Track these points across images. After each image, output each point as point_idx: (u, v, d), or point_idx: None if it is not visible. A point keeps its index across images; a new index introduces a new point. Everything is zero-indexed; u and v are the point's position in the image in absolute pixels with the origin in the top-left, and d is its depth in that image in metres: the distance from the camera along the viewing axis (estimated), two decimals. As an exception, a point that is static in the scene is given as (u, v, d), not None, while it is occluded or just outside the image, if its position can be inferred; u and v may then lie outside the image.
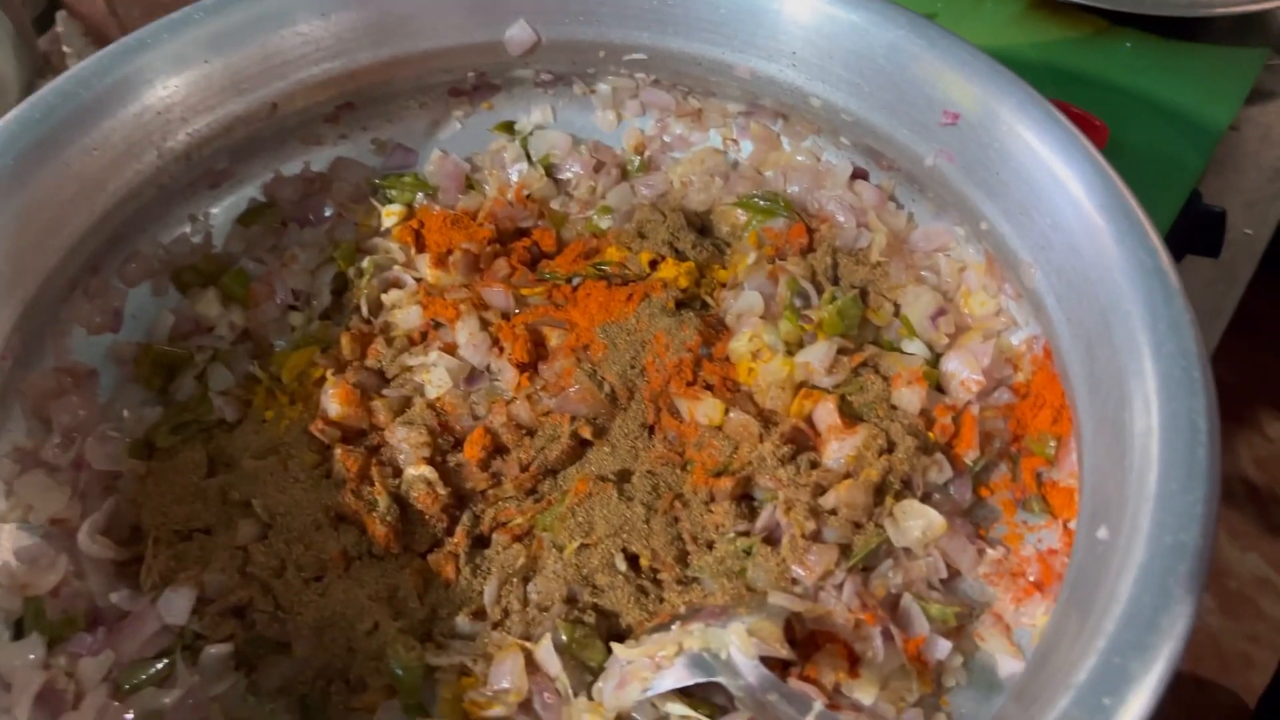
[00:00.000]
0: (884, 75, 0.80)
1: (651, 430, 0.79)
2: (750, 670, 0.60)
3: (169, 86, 0.79)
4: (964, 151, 0.76)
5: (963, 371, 0.78)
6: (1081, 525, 0.60)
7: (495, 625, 0.72)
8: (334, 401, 0.78)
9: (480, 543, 0.76)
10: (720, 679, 0.61)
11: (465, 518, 0.76)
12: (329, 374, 0.80)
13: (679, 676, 0.63)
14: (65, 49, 1.09)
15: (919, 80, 0.78)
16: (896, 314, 0.83)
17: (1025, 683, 0.57)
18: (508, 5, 0.87)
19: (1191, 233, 1.00)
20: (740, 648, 0.62)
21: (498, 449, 0.79)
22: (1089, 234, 0.67)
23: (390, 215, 0.91)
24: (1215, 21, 1.16)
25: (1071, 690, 0.49)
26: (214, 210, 0.89)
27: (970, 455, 0.75)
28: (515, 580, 0.73)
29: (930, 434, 0.76)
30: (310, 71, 0.84)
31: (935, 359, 0.81)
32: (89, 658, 0.66)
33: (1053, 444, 0.74)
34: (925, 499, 0.73)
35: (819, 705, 0.55)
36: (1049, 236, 0.71)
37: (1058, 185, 0.70)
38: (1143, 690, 0.48)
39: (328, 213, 0.91)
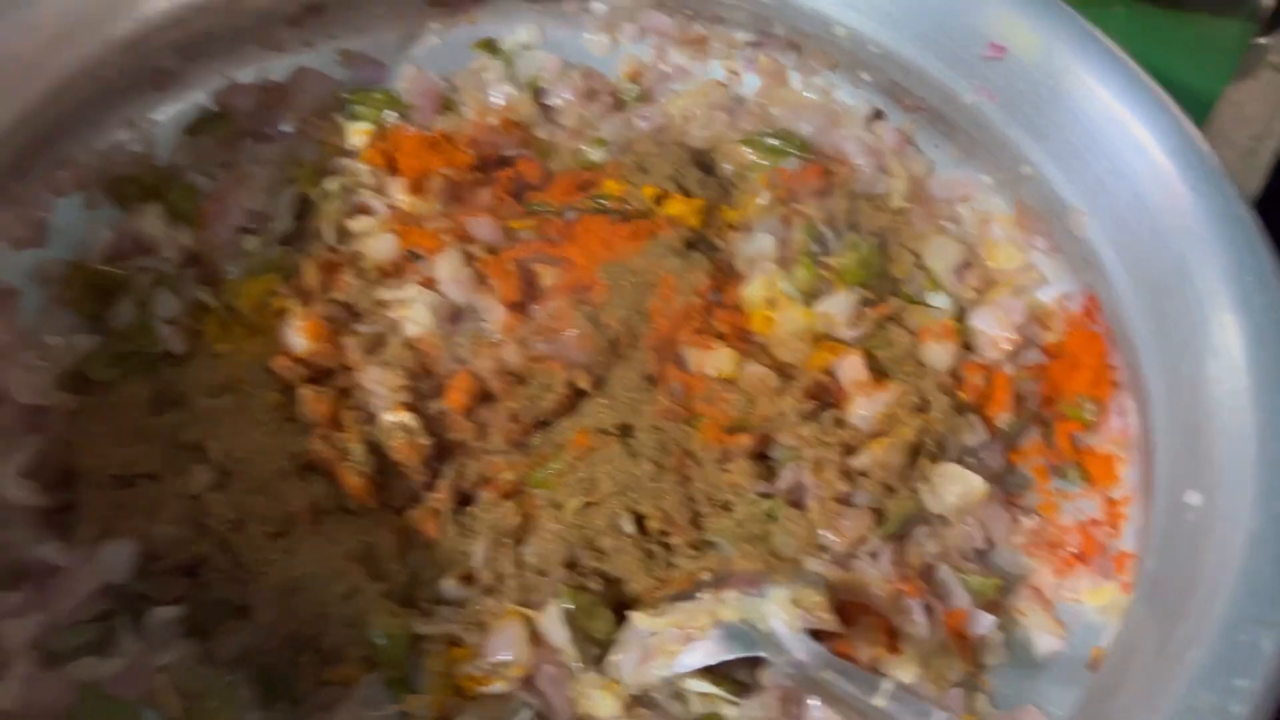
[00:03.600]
0: (920, 2, 0.73)
1: (653, 381, 0.72)
2: (798, 645, 0.54)
3: (118, -37, 0.68)
4: (1009, 89, 0.70)
5: (994, 329, 0.73)
6: (1160, 491, 0.55)
7: (487, 591, 0.64)
8: (301, 335, 0.69)
9: (464, 500, 0.68)
10: (762, 654, 0.55)
11: (448, 471, 0.68)
12: (294, 305, 0.71)
13: (713, 651, 0.55)
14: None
15: (960, 9, 0.72)
16: (917, 265, 0.77)
17: (1115, 666, 0.51)
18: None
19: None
20: (784, 620, 0.55)
21: (484, 396, 0.70)
22: (1156, 179, 0.63)
23: (358, 134, 0.81)
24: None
25: (1190, 672, 0.44)
26: (156, 116, 0.78)
27: (1003, 418, 0.70)
28: (508, 541, 0.65)
29: (961, 394, 0.70)
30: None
31: (959, 314, 0.75)
32: (14, 619, 0.56)
33: (1091, 408, 0.69)
34: (957, 463, 0.67)
35: (889, 684, 0.48)
36: (1105, 182, 0.66)
37: (1118, 127, 0.65)
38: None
39: (287, 128, 0.81)
